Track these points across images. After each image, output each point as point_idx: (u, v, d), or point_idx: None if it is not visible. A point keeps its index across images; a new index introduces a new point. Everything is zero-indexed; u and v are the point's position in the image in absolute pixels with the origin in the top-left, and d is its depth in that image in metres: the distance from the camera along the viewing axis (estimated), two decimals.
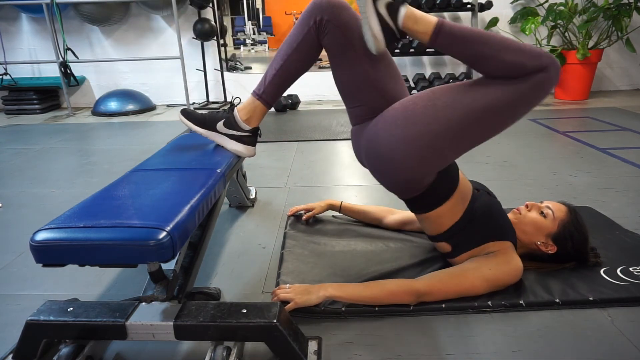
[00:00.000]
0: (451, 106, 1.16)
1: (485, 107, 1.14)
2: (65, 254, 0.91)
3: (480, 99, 1.14)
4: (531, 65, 1.10)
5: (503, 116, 1.16)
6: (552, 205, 1.37)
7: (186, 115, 1.48)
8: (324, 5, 1.25)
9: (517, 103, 1.14)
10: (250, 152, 1.48)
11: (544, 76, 1.11)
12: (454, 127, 1.15)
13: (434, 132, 1.16)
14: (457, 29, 1.14)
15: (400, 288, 1.21)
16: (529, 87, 1.12)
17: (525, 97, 1.13)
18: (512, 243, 1.32)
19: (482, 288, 1.24)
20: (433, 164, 1.21)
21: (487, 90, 1.14)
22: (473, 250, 1.31)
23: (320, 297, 1.20)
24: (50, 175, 2.54)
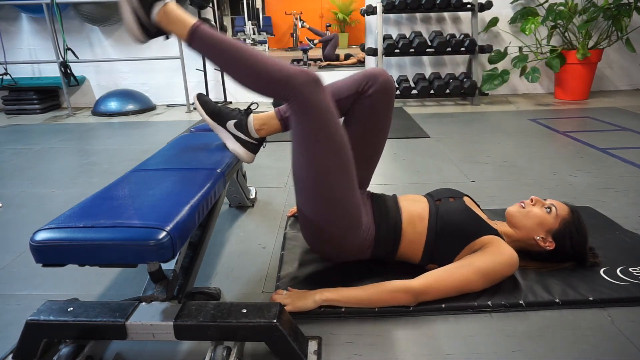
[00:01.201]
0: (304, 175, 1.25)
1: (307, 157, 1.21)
2: (65, 254, 0.91)
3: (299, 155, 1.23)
4: (278, 93, 1.16)
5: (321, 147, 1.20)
6: (556, 204, 1.37)
7: (202, 102, 1.46)
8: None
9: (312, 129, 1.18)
10: (249, 158, 1.48)
11: (299, 98, 1.15)
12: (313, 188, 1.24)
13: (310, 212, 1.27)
14: (213, 39, 1.17)
15: (397, 289, 1.21)
16: (298, 108, 1.16)
17: (305, 118, 1.17)
18: (495, 235, 1.30)
19: (479, 282, 1.24)
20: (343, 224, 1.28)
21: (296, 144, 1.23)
22: (459, 255, 1.31)
23: (317, 302, 1.20)
24: (50, 175, 2.54)
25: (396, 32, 4.66)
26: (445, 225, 1.31)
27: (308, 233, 1.35)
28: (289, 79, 1.14)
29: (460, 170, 2.40)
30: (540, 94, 4.76)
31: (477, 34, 4.34)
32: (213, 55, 1.19)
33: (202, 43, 1.18)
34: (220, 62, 1.19)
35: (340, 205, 1.25)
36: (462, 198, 1.41)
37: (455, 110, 4.05)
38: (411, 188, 2.17)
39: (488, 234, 1.29)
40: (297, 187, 1.29)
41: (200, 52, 1.21)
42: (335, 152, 1.21)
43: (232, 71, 1.19)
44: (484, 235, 1.29)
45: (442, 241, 1.31)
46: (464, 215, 1.32)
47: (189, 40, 1.18)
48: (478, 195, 2.04)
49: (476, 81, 4.23)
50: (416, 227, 1.34)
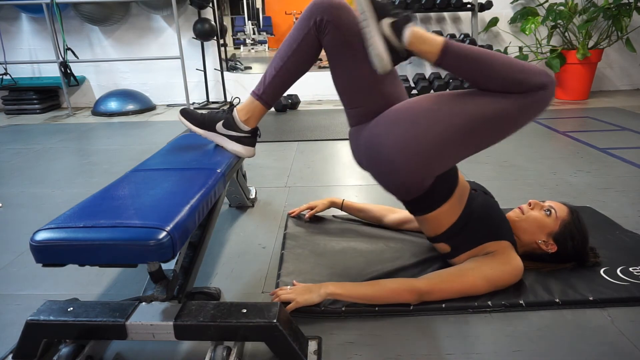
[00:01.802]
0: (455, 112, 1.17)
1: (488, 116, 1.16)
2: (65, 254, 0.91)
3: (484, 109, 1.16)
4: (532, 84, 1.14)
5: (503, 127, 1.19)
6: (555, 205, 1.37)
7: (185, 115, 1.48)
8: (325, 5, 1.25)
9: (517, 116, 1.17)
10: (249, 152, 1.48)
11: (544, 93, 1.15)
12: (456, 133, 1.17)
13: (435, 136, 1.16)
14: (464, 50, 1.15)
15: (402, 287, 1.21)
16: (530, 102, 1.16)
17: (526, 111, 1.17)
18: (511, 243, 1.32)
19: (483, 288, 1.24)
20: (433, 168, 1.21)
21: (491, 101, 1.16)
22: (472, 250, 1.31)
23: (322, 295, 1.20)
24: (50, 175, 2.54)
25: None
26: (479, 216, 1.31)
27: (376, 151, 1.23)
28: (545, 86, 1.14)
29: (460, 170, 2.40)
30: None
31: (477, 34, 4.34)
32: (465, 69, 1.16)
33: (454, 58, 1.15)
34: (473, 74, 1.16)
35: (447, 160, 1.21)
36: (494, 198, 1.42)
37: None
38: None
39: (507, 240, 1.31)
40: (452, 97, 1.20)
41: (450, 68, 1.17)
42: (499, 139, 1.22)
43: (486, 79, 1.16)
44: (504, 239, 1.30)
45: (470, 229, 1.30)
46: (497, 214, 1.34)
47: (441, 57, 1.15)
48: None
49: None
50: (455, 204, 1.30)
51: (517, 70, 1.14)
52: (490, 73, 1.14)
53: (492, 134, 1.19)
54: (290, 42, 1.33)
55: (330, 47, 1.28)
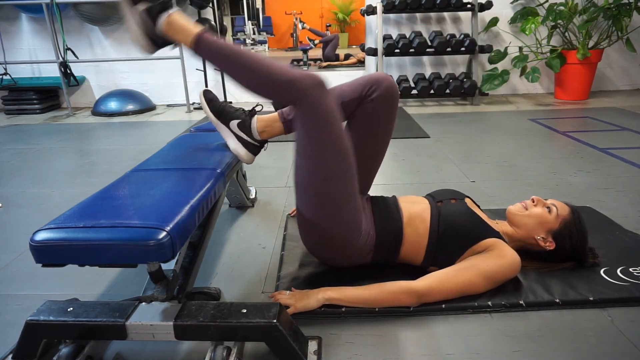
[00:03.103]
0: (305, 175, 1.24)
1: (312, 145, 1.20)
2: (65, 254, 0.91)
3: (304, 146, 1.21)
4: (284, 95, 1.17)
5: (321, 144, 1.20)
6: (557, 204, 1.37)
7: (207, 99, 1.46)
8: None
9: (312, 125, 1.19)
10: (249, 159, 1.47)
11: (307, 101, 1.16)
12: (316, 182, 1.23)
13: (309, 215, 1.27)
14: (215, 46, 1.19)
15: (400, 289, 1.21)
16: (304, 111, 1.17)
17: (310, 118, 1.18)
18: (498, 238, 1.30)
19: (482, 285, 1.24)
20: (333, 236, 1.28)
21: (302, 136, 1.21)
22: (460, 258, 1.30)
23: (320, 301, 1.20)
24: (50, 175, 2.54)
25: (396, 32, 4.66)
26: (447, 227, 1.31)
27: (307, 237, 1.35)
28: (294, 82, 1.15)
29: (460, 170, 2.40)
30: (540, 94, 4.76)
31: (477, 34, 4.34)
32: (218, 62, 1.21)
33: (207, 50, 1.20)
34: (225, 68, 1.21)
35: (340, 209, 1.25)
36: (464, 200, 1.40)
37: (455, 110, 4.05)
38: (411, 188, 2.17)
39: (490, 237, 1.29)
40: (297, 189, 1.29)
41: (205, 58, 1.23)
42: (338, 155, 1.21)
43: (237, 76, 1.21)
44: (486, 238, 1.29)
45: (445, 243, 1.31)
46: (466, 218, 1.31)
47: (194, 48, 1.20)
48: (478, 195, 2.04)
49: (476, 81, 4.23)
50: (417, 229, 1.33)
51: (265, 79, 1.17)
52: (240, 74, 1.19)
53: (327, 158, 1.21)
54: (340, 95, 1.38)
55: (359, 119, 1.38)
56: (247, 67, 1.18)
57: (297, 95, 1.16)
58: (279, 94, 1.18)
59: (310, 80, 1.16)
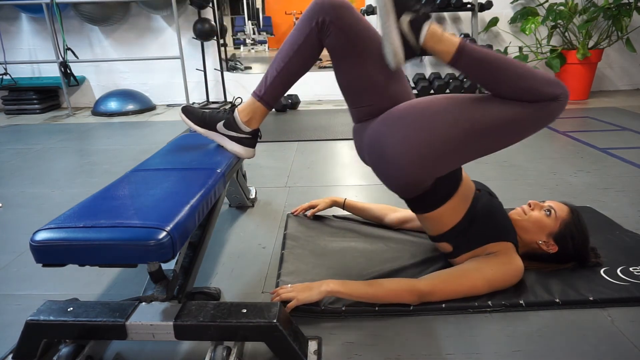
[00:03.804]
0: (463, 117, 1.16)
1: (496, 124, 1.15)
2: (65, 254, 0.91)
3: (493, 116, 1.15)
4: (545, 94, 1.13)
5: (511, 135, 1.18)
6: (555, 205, 1.37)
7: (187, 113, 1.47)
8: (326, 5, 1.24)
9: (526, 125, 1.16)
10: (249, 154, 1.47)
11: (556, 105, 1.14)
12: (462, 138, 1.16)
13: (441, 140, 1.16)
14: (478, 53, 1.14)
15: (402, 287, 1.21)
16: (540, 112, 1.14)
17: (535, 120, 1.16)
18: (513, 244, 1.32)
19: (484, 289, 1.24)
20: (436, 170, 1.21)
21: (501, 109, 1.15)
22: (474, 251, 1.31)
23: (322, 293, 1.19)
24: (50, 175, 2.54)
25: None
26: (484, 216, 1.30)
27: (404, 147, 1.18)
28: (558, 97, 1.13)
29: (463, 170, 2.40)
30: None
31: (477, 34, 4.34)
32: (480, 71, 1.15)
33: (468, 61, 1.14)
34: (488, 77, 1.15)
35: (450, 164, 1.21)
36: (496, 197, 1.42)
37: None
38: None
39: (510, 241, 1.31)
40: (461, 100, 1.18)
41: (465, 69, 1.16)
42: (504, 146, 1.21)
43: (498, 84, 1.15)
44: (507, 240, 1.30)
45: (473, 229, 1.30)
46: (501, 215, 1.33)
47: (456, 58, 1.14)
48: None
49: None
50: (461, 201, 1.30)
51: (531, 78, 1.12)
52: (503, 78, 1.13)
53: (498, 141, 1.19)
54: (291, 42, 1.32)
55: (333, 47, 1.28)
56: (509, 75, 1.13)
57: (552, 108, 1.14)
58: (535, 99, 1.13)
59: (567, 96, 1.15)
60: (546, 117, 1.16)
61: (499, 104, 1.15)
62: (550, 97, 1.12)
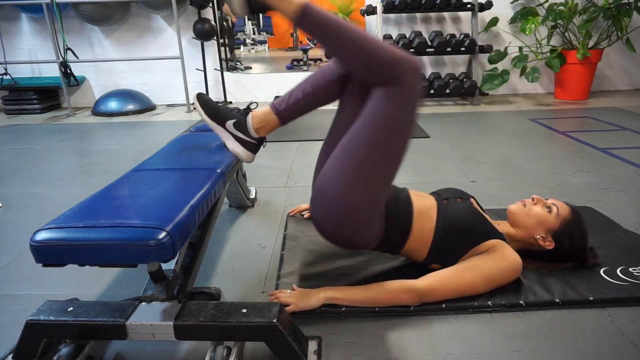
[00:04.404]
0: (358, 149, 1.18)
1: (380, 129, 1.16)
2: (65, 254, 0.91)
3: (374, 125, 1.16)
4: (388, 57, 1.12)
5: (395, 131, 1.17)
6: (557, 203, 1.37)
7: (201, 102, 1.44)
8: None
9: (400, 114, 1.15)
10: (249, 157, 1.47)
11: (405, 76, 1.13)
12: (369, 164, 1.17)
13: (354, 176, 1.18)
14: (321, 15, 1.16)
15: (401, 289, 1.21)
16: (400, 93, 1.14)
17: (403, 104, 1.15)
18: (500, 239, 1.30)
19: (483, 286, 1.24)
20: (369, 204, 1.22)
21: (374, 113, 1.16)
22: (463, 257, 1.30)
23: (321, 300, 1.20)
24: (50, 175, 2.54)
25: (396, 32, 4.66)
26: (453, 225, 1.30)
27: (325, 213, 1.25)
28: (399, 62, 1.12)
29: (460, 170, 2.40)
30: (540, 94, 4.76)
31: (477, 34, 4.34)
32: (322, 34, 1.16)
33: (312, 20, 1.16)
34: (329, 41, 1.17)
35: (375, 194, 1.21)
36: (469, 199, 1.40)
37: (455, 110, 4.05)
38: (411, 188, 2.16)
39: (494, 238, 1.29)
40: (338, 160, 1.21)
41: (309, 29, 1.17)
42: (404, 143, 1.19)
43: (341, 49, 1.16)
44: (490, 239, 1.29)
45: (449, 242, 1.30)
46: (472, 217, 1.31)
47: (298, 17, 1.16)
48: (478, 195, 2.04)
49: (476, 81, 4.23)
50: (425, 225, 1.31)
51: (373, 42, 1.13)
52: (346, 41, 1.15)
53: (393, 143, 1.18)
54: (329, 73, 1.33)
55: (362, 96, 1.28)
56: (352, 40, 1.14)
57: (397, 75, 1.12)
58: (380, 71, 1.14)
59: (414, 63, 1.13)
60: (408, 94, 1.14)
61: (369, 111, 1.17)
62: (393, 61, 1.12)
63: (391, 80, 1.13)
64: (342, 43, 1.15)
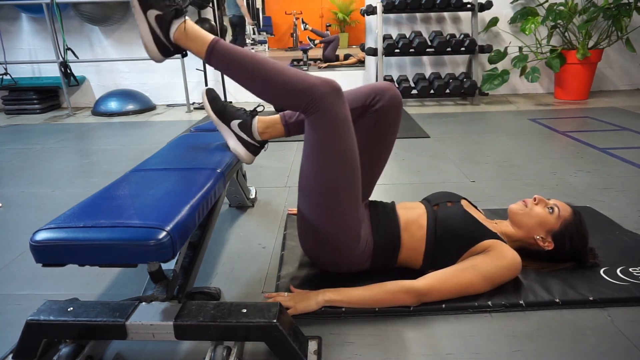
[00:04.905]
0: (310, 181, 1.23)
1: (318, 154, 1.20)
2: (65, 254, 0.91)
3: (312, 151, 1.20)
4: (301, 86, 1.16)
5: (334, 158, 1.20)
6: (559, 204, 1.37)
7: (210, 98, 1.45)
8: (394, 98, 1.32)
9: (324, 133, 1.18)
10: (249, 158, 1.47)
11: (321, 98, 1.15)
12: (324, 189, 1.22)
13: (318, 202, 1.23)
14: (229, 54, 1.18)
15: (400, 289, 1.21)
16: (319, 115, 1.17)
17: (323, 123, 1.18)
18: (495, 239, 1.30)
19: (482, 286, 1.24)
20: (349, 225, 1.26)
21: (312, 143, 1.20)
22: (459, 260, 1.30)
23: (320, 303, 1.20)
24: (50, 175, 2.54)
25: (396, 32, 4.66)
26: (444, 230, 1.31)
27: (307, 242, 1.34)
28: (312, 89, 1.15)
29: (460, 170, 2.40)
30: (540, 94, 4.77)
31: (477, 34, 4.34)
32: (232, 71, 1.20)
33: (220, 59, 1.19)
34: (240, 77, 1.20)
35: (342, 217, 1.24)
36: (460, 202, 1.40)
37: (455, 110, 4.05)
38: (411, 188, 2.17)
39: (488, 239, 1.29)
40: (301, 193, 1.28)
41: (218, 68, 1.21)
42: (347, 164, 1.21)
43: (252, 85, 1.20)
44: (484, 239, 1.28)
45: (442, 247, 1.31)
46: (463, 220, 1.31)
47: (207, 58, 1.19)
48: (478, 195, 2.04)
49: (476, 81, 4.23)
50: (415, 234, 1.33)
51: (286, 74, 1.16)
52: (258, 79, 1.18)
53: (335, 166, 1.20)
54: None
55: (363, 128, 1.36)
56: (263, 75, 1.17)
57: (313, 103, 1.15)
58: (296, 102, 1.17)
59: (328, 87, 1.15)
60: (327, 116, 1.16)
61: (305, 149, 1.22)
62: (306, 88, 1.14)
63: (311, 106, 1.16)
64: (253, 78, 1.18)
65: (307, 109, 1.17)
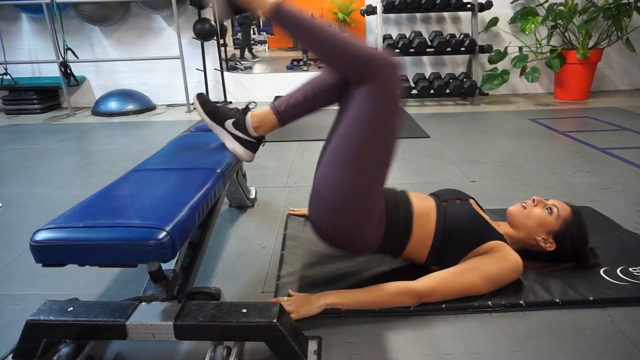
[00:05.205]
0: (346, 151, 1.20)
1: (365, 127, 1.17)
2: (65, 254, 0.91)
3: (360, 125, 1.18)
4: (364, 52, 1.15)
5: (382, 127, 1.18)
6: (558, 204, 1.37)
7: (201, 102, 1.45)
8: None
9: (383, 111, 1.17)
10: (248, 157, 1.47)
11: (383, 72, 1.15)
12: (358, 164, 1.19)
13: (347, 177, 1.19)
14: (295, 15, 1.19)
15: (401, 290, 1.21)
16: (380, 89, 1.15)
17: (383, 98, 1.16)
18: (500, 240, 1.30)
19: (483, 287, 1.24)
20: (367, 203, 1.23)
21: (358, 115, 1.18)
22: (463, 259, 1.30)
23: (321, 306, 1.20)
24: (50, 175, 2.54)
25: (396, 32, 4.66)
26: (453, 227, 1.30)
27: (323, 217, 1.26)
28: (374, 57, 1.14)
29: (460, 170, 2.40)
30: (540, 94, 4.76)
31: (477, 34, 4.34)
32: (296, 30, 1.20)
33: (286, 17, 1.19)
34: (304, 37, 1.20)
35: (371, 195, 1.22)
36: (468, 200, 1.40)
37: (455, 110, 4.05)
38: (411, 188, 2.17)
39: (494, 239, 1.29)
40: (330, 163, 1.23)
41: (285, 24, 1.21)
42: (391, 138, 1.20)
43: (316, 45, 1.19)
44: (490, 240, 1.28)
45: (449, 244, 1.30)
46: (472, 218, 1.31)
47: (273, 15, 1.19)
48: (478, 195, 2.04)
49: (476, 81, 4.23)
50: (425, 226, 1.31)
51: (348, 39, 1.16)
52: (323, 37, 1.17)
53: (379, 140, 1.19)
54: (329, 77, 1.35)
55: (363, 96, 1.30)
56: (326, 38, 1.17)
57: (373, 71, 1.14)
58: (356, 66, 1.16)
59: (389, 58, 1.15)
60: (386, 89, 1.15)
61: (354, 112, 1.19)
62: (369, 56, 1.14)
63: (368, 76, 1.15)
64: (317, 39, 1.18)
65: (366, 76, 1.15)
